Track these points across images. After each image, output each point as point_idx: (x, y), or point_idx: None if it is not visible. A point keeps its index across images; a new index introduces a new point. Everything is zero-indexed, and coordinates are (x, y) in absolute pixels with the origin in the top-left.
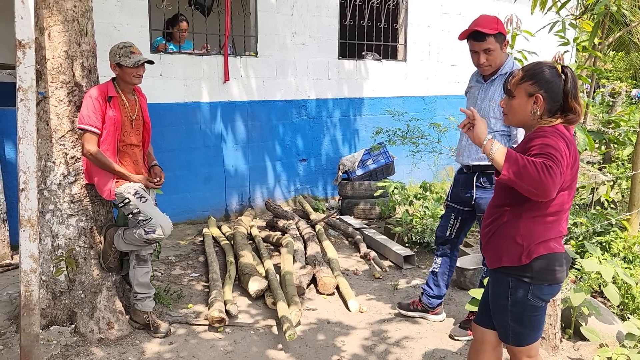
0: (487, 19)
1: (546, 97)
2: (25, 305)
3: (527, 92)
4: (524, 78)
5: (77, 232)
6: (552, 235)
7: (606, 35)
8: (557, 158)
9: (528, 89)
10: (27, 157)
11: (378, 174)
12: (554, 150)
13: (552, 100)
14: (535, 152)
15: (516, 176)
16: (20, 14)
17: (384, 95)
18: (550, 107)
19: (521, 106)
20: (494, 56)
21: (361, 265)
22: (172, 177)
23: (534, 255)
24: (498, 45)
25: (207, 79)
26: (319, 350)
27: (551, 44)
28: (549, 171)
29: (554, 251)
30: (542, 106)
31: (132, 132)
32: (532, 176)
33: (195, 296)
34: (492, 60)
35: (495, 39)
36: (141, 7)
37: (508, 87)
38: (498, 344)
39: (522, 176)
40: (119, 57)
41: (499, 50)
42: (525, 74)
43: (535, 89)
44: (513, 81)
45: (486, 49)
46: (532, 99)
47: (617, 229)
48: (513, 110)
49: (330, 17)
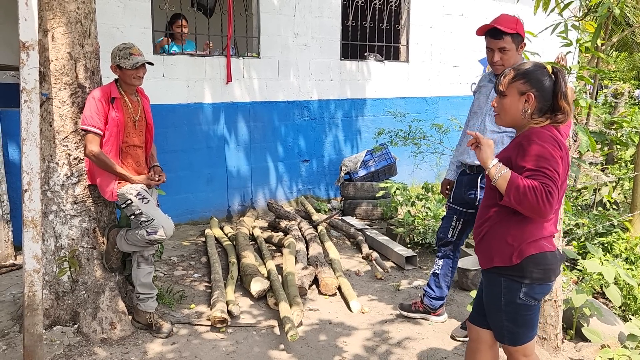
0: (507, 18)
1: (537, 95)
2: (28, 306)
3: (518, 91)
4: (515, 77)
5: (80, 233)
6: (543, 235)
7: (609, 36)
8: (554, 177)
9: (520, 87)
10: (31, 158)
11: (380, 175)
12: (550, 165)
13: (542, 99)
14: (531, 167)
15: (517, 202)
16: (24, 16)
17: (386, 96)
18: (541, 107)
19: (513, 105)
20: (508, 56)
21: (363, 266)
22: (175, 178)
23: (525, 255)
24: (514, 46)
25: (209, 80)
26: (320, 351)
27: (554, 44)
28: (548, 197)
29: (545, 250)
30: (534, 105)
31: (135, 133)
32: (531, 203)
33: (197, 296)
34: (506, 60)
35: (512, 39)
36: (144, 8)
37: (499, 86)
38: (494, 343)
39: (522, 202)
40: (118, 59)
41: (515, 51)
42: (517, 73)
43: (527, 87)
44: (505, 80)
45: (502, 47)
46: (523, 97)
47: (619, 230)
48: (504, 109)
49: (333, 18)
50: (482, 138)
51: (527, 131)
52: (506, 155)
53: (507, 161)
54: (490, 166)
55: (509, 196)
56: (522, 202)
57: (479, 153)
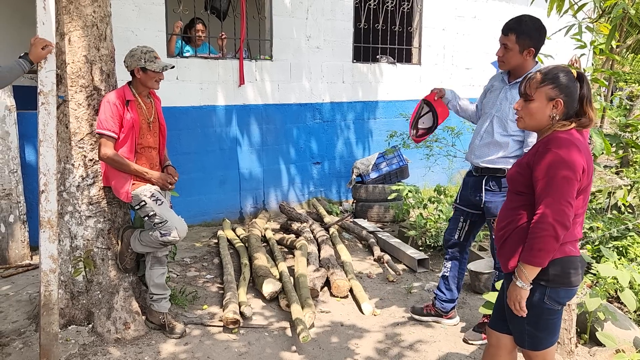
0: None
1: (566, 101)
2: (44, 305)
3: (547, 96)
4: (544, 81)
5: (95, 234)
6: (567, 239)
7: (624, 38)
8: (566, 192)
9: (549, 93)
10: (48, 160)
11: (392, 177)
12: (562, 179)
13: (570, 106)
14: (544, 186)
15: (547, 254)
16: (42, 20)
17: (398, 99)
18: (567, 112)
19: (540, 110)
20: (510, 55)
21: (375, 268)
22: (188, 180)
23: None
24: (517, 47)
25: (222, 83)
26: (332, 353)
27: (567, 46)
28: (561, 223)
29: (570, 254)
30: (562, 111)
31: (150, 135)
32: (551, 243)
33: (210, 297)
34: (507, 58)
35: (517, 38)
36: (158, 12)
37: (526, 90)
38: (513, 348)
39: (549, 250)
40: (144, 62)
41: (517, 52)
42: (545, 77)
43: (556, 93)
44: (532, 84)
45: (504, 44)
46: (552, 103)
47: (634, 233)
48: (531, 113)
49: (345, 20)
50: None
51: (547, 137)
52: (526, 160)
53: (527, 167)
54: (520, 286)
55: (543, 258)
56: (549, 250)
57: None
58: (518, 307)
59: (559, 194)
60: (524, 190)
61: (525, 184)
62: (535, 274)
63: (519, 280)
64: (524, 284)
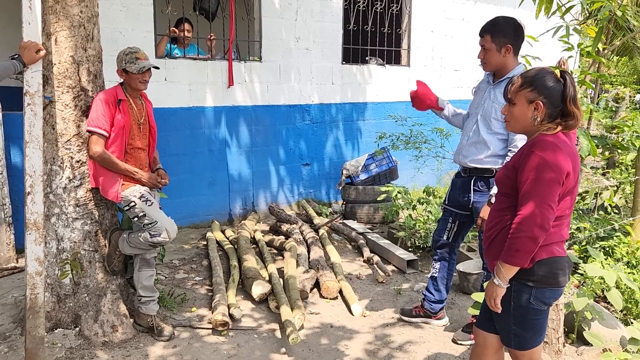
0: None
1: (546, 102)
2: (30, 308)
3: (527, 99)
4: (523, 85)
5: (82, 236)
6: (554, 240)
7: (610, 41)
8: (548, 195)
9: (528, 95)
10: (34, 161)
11: (381, 179)
12: (545, 182)
13: (552, 106)
14: (527, 189)
15: (524, 255)
16: (27, 20)
17: (387, 100)
18: (551, 112)
19: (522, 113)
20: (489, 55)
21: (364, 269)
22: (177, 181)
23: (537, 259)
24: (494, 46)
25: (211, 84)
26: (322, 354)
27: (555, 49)
28: (540, 225)
29: (557, 255)
30: (543, 112)
31: (139, 136)
32: (528, 245)
33: (199, 300)
34: (487, 59)
35: (492, 38)
36: (146, 12)
37: (508, 95)
38: (500, 347)
39: (527, 251)
40: (124, 63)
41: (495, 50)
42: (524, 80)
43: (534, 95)
44: (512, 88)
45: (482, 45)
46: (532, 105)
47: (621, 233)
48: (514, 117)
49: (334, 22)
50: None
51: (533, 140)
52: (512, 163)
53: (513, 169)
54: (497, 284)
55: (520, 259)
56: (528, 251)
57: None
58: (493, 303)
59: (540, 196)
60: (510, 192)
61: (511, 186)
62: (512, 273)
63: (496, 278)
64: (500, 282)
